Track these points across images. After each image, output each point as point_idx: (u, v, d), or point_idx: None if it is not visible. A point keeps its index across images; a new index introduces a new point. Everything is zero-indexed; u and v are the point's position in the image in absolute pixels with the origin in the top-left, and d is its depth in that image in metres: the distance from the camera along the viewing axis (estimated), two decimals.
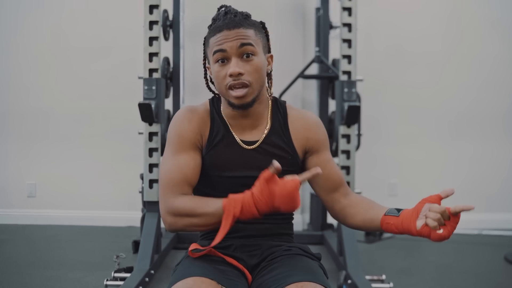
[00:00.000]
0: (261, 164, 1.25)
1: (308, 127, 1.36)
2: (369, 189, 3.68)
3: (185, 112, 1.34)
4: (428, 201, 1.16)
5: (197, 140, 1.31)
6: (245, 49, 1.24)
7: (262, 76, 1.27)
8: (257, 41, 1.26)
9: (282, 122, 1.35)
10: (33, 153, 4.06)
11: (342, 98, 2.83)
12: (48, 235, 3.69)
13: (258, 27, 1.30)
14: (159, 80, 2.83)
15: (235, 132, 1.33)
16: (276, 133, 1.34)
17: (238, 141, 1.32)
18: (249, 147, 1.31)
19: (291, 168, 1.29)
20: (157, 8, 2.86)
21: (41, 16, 4.02)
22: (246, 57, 1.24)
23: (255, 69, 1.24)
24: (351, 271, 2.50)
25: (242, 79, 1.23)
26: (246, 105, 1.26)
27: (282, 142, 1.33)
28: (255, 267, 1.30)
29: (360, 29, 3.12)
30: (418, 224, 1.14)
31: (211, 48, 1.26)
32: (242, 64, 1.23)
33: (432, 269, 2.98)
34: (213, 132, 1.32)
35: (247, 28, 1.25)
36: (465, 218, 4.46)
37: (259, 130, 1.33)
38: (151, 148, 2.85)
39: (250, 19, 1.29)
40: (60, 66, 4.04)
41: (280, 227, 1.36)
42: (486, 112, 4.11)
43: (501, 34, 4.09)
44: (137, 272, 2.47)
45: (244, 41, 1.23)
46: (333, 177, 1.35)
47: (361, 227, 1.29)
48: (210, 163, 1.31)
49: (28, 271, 2.77)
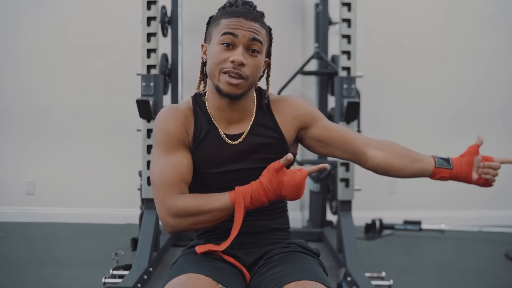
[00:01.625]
0: (248, 156, 1.28)
1: (292, 106, 1.34)
2: (369, 186, 3.67)
3: (168, 110, 1.30)
4: (473, 153, 1.41)
5: (184, 137, 1.28)
6: (254, 44, 1.23)
7: (257, 75, 1.26)
8: (265, 43, 1.27)
9: (266, 110, 1.33)
10: (31, 151, 4.05)
11: (342, 94, 2.81)
12: (46, 232, 3.68)
13: (268, 30, 1.30)
14: (157, 77, 2.81)
15: (219, 126, 1.30)
16: (261, 123, 1.31)
17: (223, 136, 1.29)
18: (234, 142, 1.29)
19: (279, 155, 1.26)
20: (155, 4, 2.85)
21: (40, 13, 3.99)
22: (252, 52, 1.23)
23: (256, 66, 1.24)
24: (351, 268, 2.49)
25: (242, 70, 1.21)
26: (234, 96, 1.24)
27: (268, 130, 1.31)
28: (253, 264, 1.29)
29: (360, 25, 3.10)
30: (474, 176, 1.40)
31: (221, 28, 1.23)
32: (246, 56, 1.22)
33: (432, 266, 2.97)
34: (197, 129, 1.29)
35: (262, 26, 1.26)
36: (465, 215, 4.45)
37: (244, 123, 1.31)
38: (149, 145, 2.83)
39: (263, 20, 1.28)
40: (58, 62, 4.02)
41: (276, 222, 1.35)
42: (485, 107, 4.09)
43: (499, 29, 4.07)
44: (136, 269, 2.46)
45: (257, 37, 1.23)
46: (344, 137, 1.36)
47: (408, 177, 1.43)
48: (198, 161, 1.28)
49: (27, 269, 2.77)
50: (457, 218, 3.93)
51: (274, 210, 1.34)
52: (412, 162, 1.39)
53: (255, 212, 1.27)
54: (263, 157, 1.28)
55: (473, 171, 1.40)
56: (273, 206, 1.33)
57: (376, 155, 1.39)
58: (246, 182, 1.22)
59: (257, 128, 1.31)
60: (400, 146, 1.43)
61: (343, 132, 1.37)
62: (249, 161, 1.28)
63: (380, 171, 1.41)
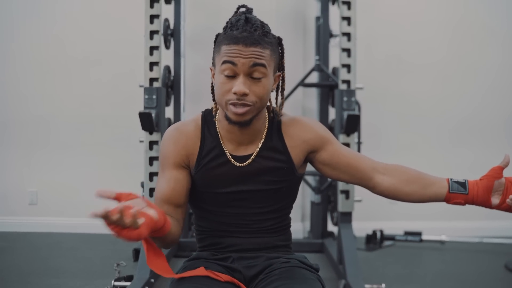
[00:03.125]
0: (255, 178, 1.27)
1: (302, 129, 1.32)
2: (370, 197, 3.65)
3: (172, 132, 1.32)
4: (494, 177, 1.28)
5: (182, 160, 1.29)
6: (257, 69, 1.18)
7: (266, 98, 1.23)
8: (270, 62, 1.21)
9: (276, 132, 1.31)
10: (34, 161, 4.08)
11: (342, 107, 2.84)
12: (49, 242, 3.70)
13: (274, 45, 1.24)
14: (159, 89, 2.84)
15: (227, 147, 1.29)
16: (270, 146, 1.30)
17: (230, 159, 1.29)
18: (241, 164, 1.28)
19: (287, 178, 1.29)
20: (158, 18, 2.88)
21: (41, 24, 4.03)
22: (255, 77, 1.19)
23: (262, 91, 1.20)
24: (351, 279, 2.50)
25: (246, 99, 1.19)
26: (243, 123, 1.23)
27: (276, 154, 1.30)
28: (253, 279, 1.30)
29: (361, 38, 3.13)
30: (494, 202, 1.28)
31: (221, 55, 1.20)
32: (249, 83, 1.19)
33: (432, 277, 2.97)
34: (202, 151, 1.29)
35: (265, 47, 1.19)
36: (466, 226, 4.45)
37: (254, 145, 1.30)
38: (151, 157, 2.86)
39: (270, 35, 1.23)
40: (61, 74, 4.06)
41: (279, 239, 1.36)
42: (487, 120, 4.10)
43: (500, 42, 4.10)
44: (137, 280, 2.47)
45: (258, 61, 1.18)
46: (352, 162, 1.32)
47: (420, 202, 1.34)
48: (202, 182, 1.30)
49: (29, 279, 2.78)
50: (458, 229, 3.94)
51: (278, 228, 1.36)
52: (423, 187, 1.32)
53: (259, 229, 1.30)
54: (269, 179, 1.29)
55: (493, 195, 1.28)
56: (278, 224, 1.35)
57: (384, 181, 1.33)
58: (251, 202, 1.26)
59: (265, 151, 1.30)
60: (411, 170, 1.35)
61: (351, 157, 1.33)
62: (255, 183, 1.28)
63: (389, 197, 1.36)
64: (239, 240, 1.30)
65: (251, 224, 1.31)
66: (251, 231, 1.26)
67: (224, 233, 1.33)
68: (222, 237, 1.33)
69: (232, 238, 1.28)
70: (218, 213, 1.32)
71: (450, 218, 4.07)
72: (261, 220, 1.32)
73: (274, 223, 1.31)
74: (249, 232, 1.31)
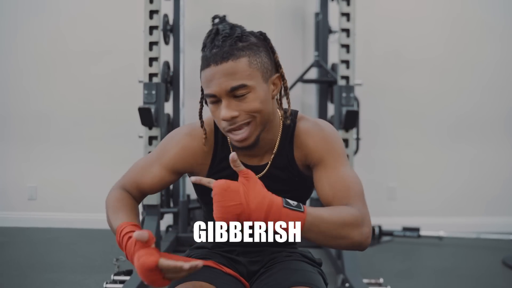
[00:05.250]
0: (268, 189, 1.07)
1: (307, 143, 1.22)
2: (368, 193, 3.65)
3: (184, 137, 1.24)
4: None
5: (183, 167, 1.25)
6: (236, 93, 1.08)
7: (264, 109, 1.12)
8: (253, 74, 1.08)
9: (288, 142, 1.23)
10: (33, 156, 4.08)
11: (340, 103, 2.85)
12: (48, 237, 3.71)
13: (253, 49, 1.10)
14: (159, 85, 2.85)
15: (240, 157, 1.19)
16: (282, 156, 1.23)
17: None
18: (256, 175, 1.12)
19: (299, 188, 1.26)
20: (157, 13, 2.88)
21: (41, 19, 4.04)
22: (239, 96, 1.08)
23: (252, 106, 1.09)
24: (349, 274, 2.52)
25: (239, 121, 1.10)
26: (250, 147, 1.14)
27: (287, 164, 1.24)
28: (255, 272, 1.31)
29: (360, 34, 3.14)
30: None
31: (203, 83, 1.12)
32: (235, 104, 1.09)
33: (430, 272, 2.99)
34: (215, 161, 1.23)
35: (238, 58, 1.07)
36: (464, 222, 4.45)
37: (267, 155, 1.24)
38: (150, 152, 2.86)
39: (244, 39, 1.09)
40: (61, 69, 4.06)
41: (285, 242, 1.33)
42: (486, 116, 4.11)
43: (499, 38, 4.11)
44: (137, 275, 2.48)
45: (234, 84, 1.07)
46: (326, 192, 1.17)
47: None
48: (207, 190, 1.13)
49: (29, 274, 2.79)
50: (456, 225, 3.96)
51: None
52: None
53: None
54: (282, 188, 1.19)
55: None
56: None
57: None
58: None
59: (278, 161, 1.23)
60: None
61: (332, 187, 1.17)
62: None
63: None
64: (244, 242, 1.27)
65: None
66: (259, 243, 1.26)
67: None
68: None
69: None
70: None
71: (448, 214, 4.09)
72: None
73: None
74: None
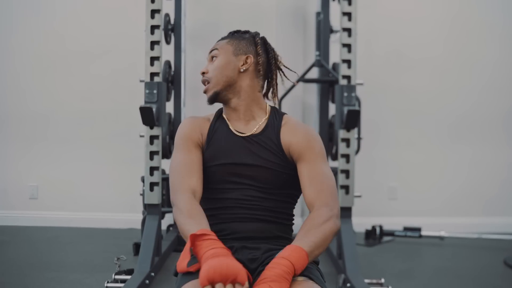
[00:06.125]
0: (253, 151, 1.39)
1: (295, 132, 1.42)
2: (369, 193, 3.70)
3: (188, 119, 1.51)
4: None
5: (198, 139, 1.44)
6: (212, 54, 1.48)
7: (222, 73, 1.44)
8: (226, 47, 1.47)
9: (276, 125, 1.45)
10: (34, 156, 4.09)
11: (342, 102, 2.85)
12: (49, 236, 3.71)
13: (238, 38, 1.49)
14: (160, 84, 2.85)
15: (231, 123, 1.46)
16: (268, 132, 1.43)
17: (232, 130, 1.44)
18: (242, 135, 1.42)
19: (283, 164, 1.39)
20: (159, 12, 2.88)
21: (42, 19, 4.04)
22: (211, 59, 1.47)
23: (215, 67, 1.45)
24: (350, 274, 2.51)
25: (205, 76, 1.47)
26: (210, 99, 1.46)
27: (273, 140, 1.41)
28: (254, 270, 1.31)
29: (361, 34, 3.14)
30: None
31: None
32: (210, 65, 1.47)
33: (431, 272, 2.99)
34: (211, 128, 1.47)
35: (225, 39, 1.49)
36: (465, 222, 4.45)
37: (252, 125, 1.45)
38: (152, 151, 2.86)
39: (240, 34, 1.50)
40: (62, 69, 4.07)
41: (278, 229, 1.39)
42: (485, 116, 4.12)
43: (499, 38, 4.11)
44: (138, 274, 2.48)
45: (213, 48, 1.49)
46: (307, 190, 1.35)
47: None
48: (209, 154, 1.42)
49: (29, 273, 2.80)
50: (457, 225, 3.96)
51: (278, 216, 1.39)
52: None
53: (259, 209, 1.36)
54: (268, 159, 1.39)
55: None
56: (279, 209, 1.39)
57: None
58: (251, 180, 1.36)
59: (264, 133, 1.43)
60: (316, 224, 1.26)
61: (310, 188, 1.34)
62: (256, 158, 1.39)
63: None
64: (240, 226, 1.35)
65: (251, 201, 1.36)
66: (252, 214, 1.33)
67: (226, 215, 1.36)
68: (224, 222, 1.36)
69: (233, 224, 1.34)
70: (221, 191, 1.38)
71: (449, 214, 4.09)
72: (261, 198, 1.36)
73: (274, 206, 1.37)
74: (250, 214, 1.35)
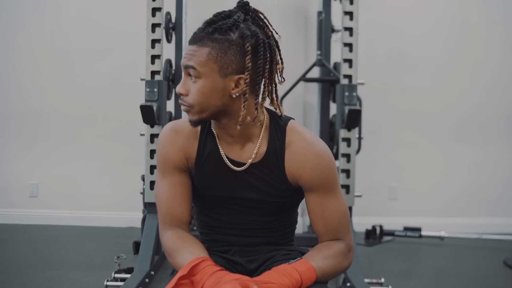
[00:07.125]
0: (253, 184, 1.22)
1: (304, 163, 1.20)
2: (370, 193, 3.69)
3: (168, 133, 1.25)
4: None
5: (182, 164, 1.24)
6: (188, 70, 1.13)
7: (207, 102, 1.13)
8: (207, 63, 1.10)
9: (279, 150, 1.21)
10: (35, 154, 4.08)
11: (343, 102, 2.84)
12: (49, 235, 3.71)
13: (223, 44, 1.10)
14: (161, 83, 2.84)
15: (223, 147, 1.23)
16: (270, 160, 1.21)
17: (226, 161, 1.22)
18: (238, 169, 1.21)
19: (286, 194, 1.24)
20: (160, 11, 2.88)
21: (43, 17, 4.03)
22: (191, 76, 1.13)
23: (197, 92, 1.12)
24: (350, 274, 2.50)
25: (184, 100, 1.15)
26: (193, 123, 1.18)
27: (275, 170, 1.21)
28: (254, 271, 1.30)
29: (362, 33, 3.13)
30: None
31: None
32: (189, 84, 1.13)
33: (431, 273, 2.98)
34: (200, 150, 1.23)
35: (202, 46, 1.10)
36: (465, 222, 4.45)
37: (249, 150, 1.22)
38: (152, 150, 2.86)
39: (223, 33, 1.11)
40: (62, 67, 4.06)
41: (280, 237, 1.35)
42: (487, 117, 4.11)
43: (501, 38, 4.10)
44: (138, 273, 2.48)
45: (188, 63, 1.11)
46: (319, 225, 1.26)
47: None
48: (200, 184, 1.26)
49: (29, 271, 2.79)
50: (457, 225, 3.95)
51: (281, 227, 1.33)
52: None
53: (260, 229, 1.29)
54: (267, 191, 1.23)
55: None
56: (281, 225, 1.33)
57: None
58: (250, 209, 1.25)
59: (264, 163, 1.21)
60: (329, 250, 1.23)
61: (327, 220, 1.25)
62: (253, 192, 1.23)
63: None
64: (240, 238, 1.30)
65: (251, 224, 1.29)
66: (252, 230, 1.27)
67: (224, 230, 1.31)
68: (223, 234, 1.32)
69: (233, 237, 1.29)
70: (218, 212, 1.30)
71: (450, 214, 4.08)
72: (262, 222, 1.29)
73: (277, 224, 1.31)
74: (250, 230, 1.30)
